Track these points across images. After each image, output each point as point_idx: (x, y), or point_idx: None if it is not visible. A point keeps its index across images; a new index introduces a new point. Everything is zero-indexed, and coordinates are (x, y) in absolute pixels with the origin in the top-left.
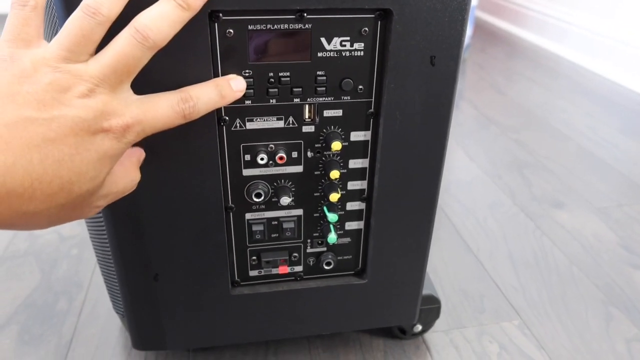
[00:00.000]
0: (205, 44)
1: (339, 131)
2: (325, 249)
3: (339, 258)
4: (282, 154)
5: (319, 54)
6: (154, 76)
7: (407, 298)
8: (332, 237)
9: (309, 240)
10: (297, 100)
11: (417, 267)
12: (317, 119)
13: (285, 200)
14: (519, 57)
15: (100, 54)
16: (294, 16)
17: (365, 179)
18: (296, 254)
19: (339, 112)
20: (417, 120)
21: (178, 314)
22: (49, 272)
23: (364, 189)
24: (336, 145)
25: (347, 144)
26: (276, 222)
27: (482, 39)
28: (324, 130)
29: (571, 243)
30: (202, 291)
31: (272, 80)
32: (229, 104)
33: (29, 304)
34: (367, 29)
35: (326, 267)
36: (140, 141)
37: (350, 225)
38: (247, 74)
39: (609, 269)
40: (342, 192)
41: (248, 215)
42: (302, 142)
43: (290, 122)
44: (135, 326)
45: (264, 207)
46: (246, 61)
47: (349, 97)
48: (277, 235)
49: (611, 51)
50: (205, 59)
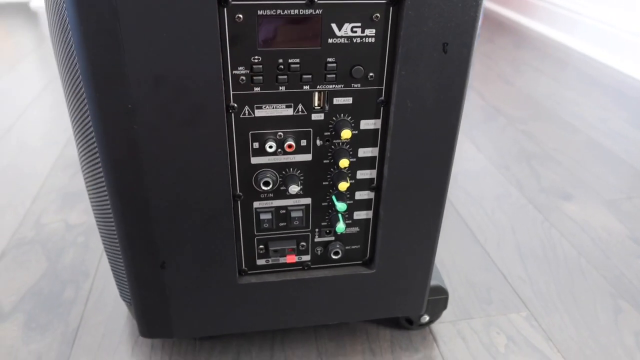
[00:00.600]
0: (214, 30)
1: (348, 119)
2: (333, 238)
3: (347, 248)
4: (291, 142)
5: (330, 40)
6: (161, 62)
7: (415, 288)
8: (340, 227)
9: (317, 230)
10: (306, 87)
11: (426, 257)
12: (327, 107)
13: (293, 189)
14: (527, 48)
15: None
16: (304, 1)
17: (375, 168)
18: (304, 243)
19: (349, 100)
20: (428, 109)
21: (185, 302)
22: (55, 261)
23: (373, 178)
24: (346, 134)
25: (356, 132)
26: (284, 211)
27: (490, 29)
28: (334, 118)
29: (580, 235)
30: (209, 280)
31: (282, 66)
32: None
33: (36, 292)
34: (378, 15)
35: (334, 257)
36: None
37: (359, 215)
38: (256, 60)
39: (618, 262)
40: (351, 181)
41: (256, 204)
42: (311, 130)
43: (300, 109)
44: (142, 314)
45: (272, 195)
46: (255, 47)
47: (359, 85)
48: (285, 224)
49: (621, 42)
50: (214, 45)
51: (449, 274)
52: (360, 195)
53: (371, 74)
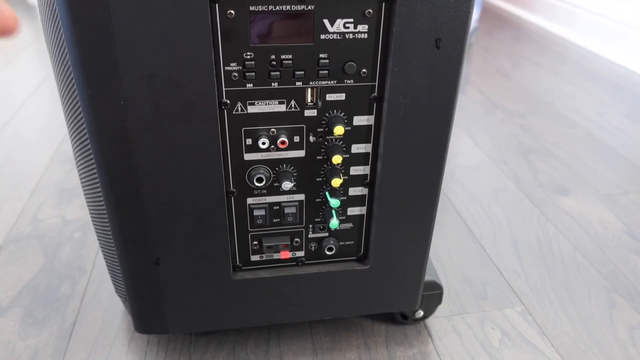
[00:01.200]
0: (206, 26)
1: (341, 115)
2: (327, 234)
3: (341, 243)
4: (283, 138)
5: (322, 36)
6: (151, 58)
7: (409, 284)
8: (334, 223)
9: (310, 226)
10: (299, 83)
11: (420, 253)
12: (320, 103)
13: (286, 185)
14: (526, 42)
15: None
16: None
17: (368, 164)
18: (298, 239)
19: (341, 96)
20: (421, 105)
21: (180, 298)
22: (52, 256)
23: (367, 175)
24: (339, 130)
25: (349, 128)
26: (278, 207)
27: (488, 23)
28: (327, 115)
29: (576, 230)
30: (204, 275)
31: (274, 63)
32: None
33: (33, 287)
34: (371, 11)
35: (328, 253)
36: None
37: (353, 211)
38: (248, 57)
39: (614, 256)
40: (345, 177)
41: (249, 200)
42: (304, 126)
43: (292, 105)
44: (138, 310)
45: (265, 191)
46: (247, 43)
47: (352, 81)
48: (279, 220)
49: (621, 36)
50: (206, 41)
51: (445, 269)
52: (354, 191)
53: (364, 70)
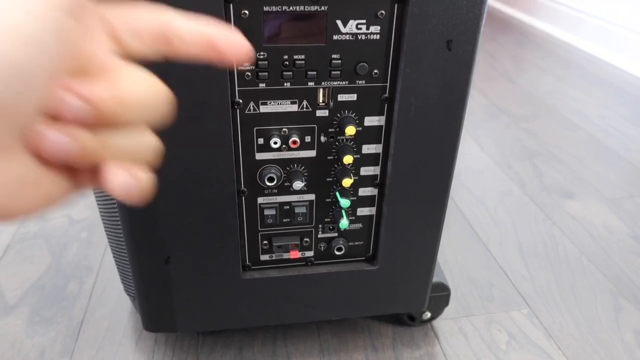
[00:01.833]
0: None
1: (353, 116)
2: (336, 234)
3: (350, 244)
4: (295, 138)
5: (335, 37)
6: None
7: (418, 285)
8: (344, 223)
9: (320, 226)
10: (311, 83)
11: (428, 254)
12: (332, 103)
13: (297, 185)
14: (530, 46)
15: None
16: None
17: (379, 165)
18: (307, 239)
19: (353, 97)
20: (432, 106)
21: (189, 297)
22: (59, 255)
23: (377, 175)
24: (350, 130)
25: (361, 129)
26: (288, 207)
27: (492, 27)
28: (338, 115)
29: (581, 233)
30: (213, 274)
31: (287, 63)
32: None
33: (40, 286)
34: (383, 12)
35: (337, 253)
36: None
37: (362, 211)
38: (261, 57)
39: (619, 260)
40: (355, 177)
41: (260, 200)
42: (315, 126)
43: (304, 106)
44: (146, 308)
45: (276, 191)
46: (261, 43)
47: (363, 82)
48: (289, 220)
49: (624, 41)
50: None
51: (451, 271)
52: (364, 191)
53: (376, 71)
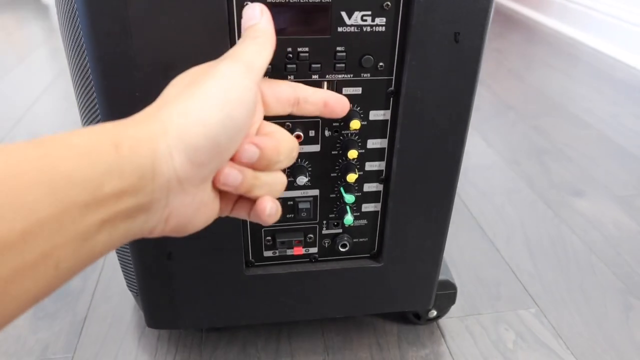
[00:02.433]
0: (223, 18)
1: (357, 110)
2: (341, 230)
3: (354, 240)
4: (299, 132)
5: (339, 29)
6: (169, 50)
7: (423, 283)
8: (348, 219)
9: (324, 222)
10: (315, 76)
11: (434, 251)
12: None
13: (301, 180)
14: (539, 43)
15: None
16: None
17: (384, 160)
18: (311, 235)
19: (358, 90)
20: (439, 100)
21: (192, 294)
22: None
23: (382, 170)
24: (355, 124)
25: (365, 123)
26: (292, 202)
27: (500, 24)
28: None
29: (590, 231)
30: (216, 271)
31: (291, 55)
32: None
33: None
34: (389, 3)
35: (341, 249)
36: None
37: (367, 207)
38: None
39: (629, 258)
40: (360, 172)
41: None
42: (319, 120)
43: None
44: (149, 305)
45: None
46: None
47: (369, 75)
48: (293, 215)
49: (634, 37)
50: (223, 33)
51: (458, 269)
52: (369, 187)
53: (381, 64)
